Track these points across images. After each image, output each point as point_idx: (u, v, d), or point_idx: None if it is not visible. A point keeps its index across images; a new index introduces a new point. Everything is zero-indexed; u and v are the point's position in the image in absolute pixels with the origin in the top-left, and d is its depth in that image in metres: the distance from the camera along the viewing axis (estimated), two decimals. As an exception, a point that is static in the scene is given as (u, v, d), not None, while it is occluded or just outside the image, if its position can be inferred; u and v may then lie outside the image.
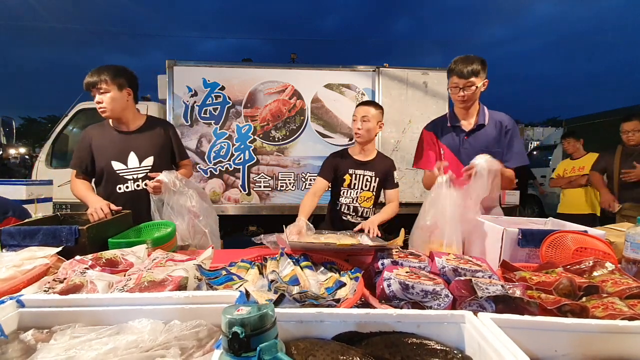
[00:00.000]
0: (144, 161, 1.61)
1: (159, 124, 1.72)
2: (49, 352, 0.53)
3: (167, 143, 1.69)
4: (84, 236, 1.11)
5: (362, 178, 1.82)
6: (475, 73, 1.49)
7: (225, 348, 0.44)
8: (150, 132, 1.65)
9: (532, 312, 0.70)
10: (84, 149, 1.59)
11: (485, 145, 1.59)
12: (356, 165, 1.83)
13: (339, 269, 1.05)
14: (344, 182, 1.82)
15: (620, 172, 2.69)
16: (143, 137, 1.63)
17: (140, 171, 1.61)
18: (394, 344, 0.55)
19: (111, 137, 1.59)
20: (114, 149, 1.58)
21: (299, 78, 3.59)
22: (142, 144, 1.62)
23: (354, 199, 1.83)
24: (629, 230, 0.98)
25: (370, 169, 1.83)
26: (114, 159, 1.58)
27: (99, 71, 1.51)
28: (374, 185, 1.84)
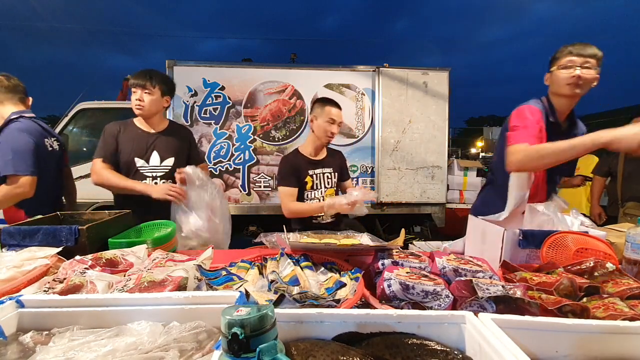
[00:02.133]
0: (164, 161, 1.68)
1: (180, 128, 1.83)
2: (48, 354, 0.53)
3: (186, 147, 1.78)
4: (84, 236, 1.11)
5: (323, 176, 1.80)
6: (597, 58, 1.30)
7: (224, 349, 0.44)
8: (172, 136, 1.73)
9: (533, 313, 0.69)
10: (111, 140, 1.63)
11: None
12: (314, 166, 1.78)
13: (339, 269, 1.04)
14: (306, 185, 1.76)
15: (624, 172, 2.69)
16: (165, 138, 1.71)
17: (160, 170, 1.68)
18: (395, 344, 0.55)
19: (136, 135, 1.66)
20: (138, 146, 1.65)
21: (299, 78, 3.59)
22: (164, 145, 1.69)
23: (319, 199, 1.78)
24: (629, 231, 0.98)
25: (327, 166, 1.82)
26: (137, 155, 1.64)
27: (150, 73, 1.63)
28: (334, 181, 1.84)
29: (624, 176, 2.71)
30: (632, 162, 2.67)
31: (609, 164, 2.87)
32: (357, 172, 3.66)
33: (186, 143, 1.79)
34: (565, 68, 1.32)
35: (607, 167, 2.89)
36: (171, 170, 1.69)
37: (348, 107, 3.64)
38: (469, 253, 1.29)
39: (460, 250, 1.35)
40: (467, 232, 1.37)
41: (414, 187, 3.70)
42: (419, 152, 3.68)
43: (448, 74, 3.70)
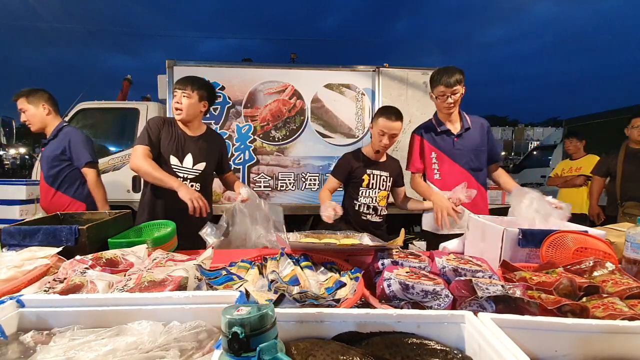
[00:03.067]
0: (197, 165, 1.72)
1: (215, 136, 1.88)
2: (48, 353, 0.53)
3: (218, 155, 1.85)
4: (84, 236, 1.11)
5: (379, 178, 1.86)
6: (459, 82, 1.70)
7: (225, 348, 0.44)
8: (207, 142, 1.78)
9: (533, 312, 0.69)
10: (156, 131, 1.66)
11: (475, 146, 1.82)
12: (373, 166, 1.86)
13: (339, 269, 1.05)
14: (362, 183, 1.84)
15: (624, 172, 2.70)
16: (201, 143, 1.75)
17: (191, 172, 1.71)
18: (394, 344, 0.55)
19: (176, 134, 1.70)
20: (176, 145, 1.69)
21: (299, 78, 3.59)
22: (199, 149, 1.73)
23: (373, 198, 1.86)
24: (629, 231, 0.98)
25: (384, 170, 1.88)
26: (173, 153, 1.68)
27: (193, 78, 1.73)
28: (388, 185, 1.90)
29: (623, 176, 2.71)
30: (632, 162, 2.67)
31: (608, 164, 2.87)
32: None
33: (219, 151, 1.85)
34: (439, 97, 1.74)
35: (606, 167, 2.89)
36: (202, 174, 1.74)
37: (348, 107, 3.64)
38: (468, 253, 1.29)
39: (457, 250, 1.35)
40: (466, 232, 1.37)
41: (414, 186, 3.70)
42: (419, 152, 3.67)
43: (448, 74, 3.70)
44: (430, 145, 1.84)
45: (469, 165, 1.81)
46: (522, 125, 15.72)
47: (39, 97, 2.04)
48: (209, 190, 1.84)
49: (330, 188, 1.88)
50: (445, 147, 1.81)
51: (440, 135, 1.83)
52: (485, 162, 1.85)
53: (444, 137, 1.82)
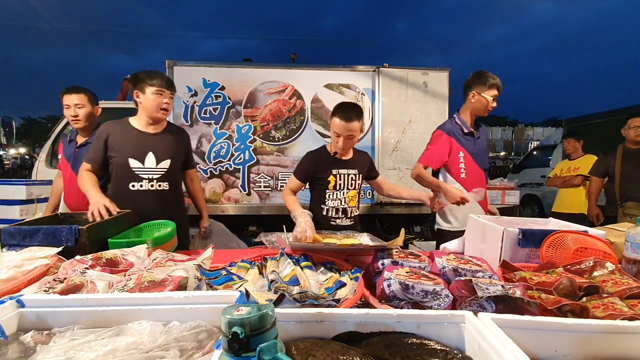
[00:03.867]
0: (160, 163, 1.64)
1: (177, 130, 1.79)
2: (48, 353, 0.53)
3: (182, 150, 1.76)
4: (84, 236, 1.11)
5: (347, 177, 1.74)
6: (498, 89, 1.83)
7: (225, 348, 0.44)
8: (169, 137, 1.69)
9: (533, 312, 0.69)
10: (99, 145, 1.60)
11: (485, 147, 1.97)
12: (339, 165, 1.72)
13: (339, 269, 1.05)
14: (329, 185, 1.71)
15: (622, 172, 2.70)
16: (162, 140, 1.66)
17: (156, 172, 1.63)
18: (394, 344, 0.55)
19: (131, 135, 1.62)
20: (133, 147, 1.61)
21: (299, 78, 3.59)
22: (161, 147, 1.65)
23: (341, 200, 1.73)
24: (629, 231, 0.98)
25: (352, 167, 1.74)
26: (131, 156, 1.60)
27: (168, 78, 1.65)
28: (358, 182, 1.79)
29: (622, 176, 2.71)
30: (630, 162, 2.67)
31: (606, 164, 2.87)
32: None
33: (182, 146, 1.76)
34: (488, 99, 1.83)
35: (604, 168, 2.89)
36: (168, 173, 1.65)
37: (348, 107, 3.64)
38: (468, 253, 1.29)
39: (457, 250, 1.35)
40: (466, 232, 1.37)
41: (414, 187, 3.68)
42: (419, 152, 3.64)
43: (448, 74, 3.70)
44: (458, 145, 1.90)
45: (483, 165, 1.94)
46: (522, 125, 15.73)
47: (95, 98, 2.08)
48: (178, 188, 1.77)
49: (293, 188, 1.75)
50: (469, 148, 1.91)
51: (466, 136, 1.91)
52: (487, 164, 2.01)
53: (468, 138, 1.92)
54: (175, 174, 1.71)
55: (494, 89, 1.82)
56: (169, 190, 1.66)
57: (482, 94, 1.83)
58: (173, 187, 1.69)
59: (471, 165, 1.91)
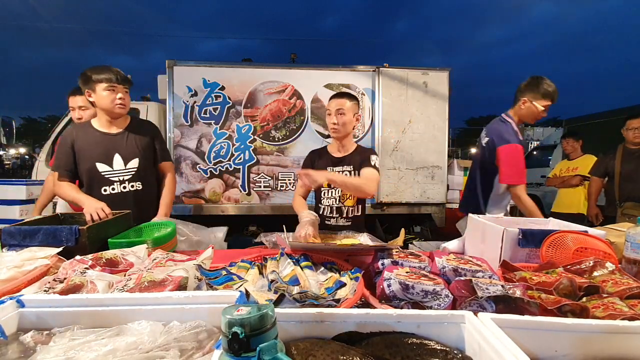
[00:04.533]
0: (129, 163, 1.60)
1: (142, 125, 1.72)
2: (48, 354, 0.53)
3: (150, 145, 1.68)
4: (84, 236, 1.11)
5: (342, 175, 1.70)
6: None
7: (225, 348, 0.44)
8: (134, 134, 1.63)
9: (533, 313, 0.69)
10: (66, 151, 1.55)
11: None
12: (334, 162, 1.70)
13: (339, 269, 1.05)
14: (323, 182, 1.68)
15: (622, 173, 2.70)
16: (127, 138, 1.61)
17: (126, 173, 1.60)
18: (394, 344, 0.55)
19: (94, 139, 1.56)
20: (99, 151, 1.56)
21: (299, 78, 3.59)
22: (126, 146, 1.60)
23: (336, 198, 1.70)
24: (629, 231, 0.98)
25: (348, 164, 1.69)
26: (98, 160, 1.56)
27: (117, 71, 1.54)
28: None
29: (621, 176, 2.71)
30: (629, 162, 2.67)
31: (606, 164, 2.88)
32: (357, 172, 3.67)
33: (150, 140, 1.68)
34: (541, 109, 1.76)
35: (604, 168, 2.90)
36: (138, 172, 1.61)
37: (348, 107, 3.64)
38: (468, 253, 1.29)
39: (457, 250, 1.35)
40: (466, 232, 1.37)
41: (414, 187, 3.70)
42: (419, 152, 3.68)
43: (448, 74, 3.70)
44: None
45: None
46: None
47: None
48: (153, 185, 1.72)
49: (301, 192, 1.75)
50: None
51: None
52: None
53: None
54: (146, 172, 1.66)
55: (548, 99, 1.75)
56: (142, 190, 1.62)
57: (534, 102, 1.76)
58: (147, 186, 1.65)
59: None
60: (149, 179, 1.68)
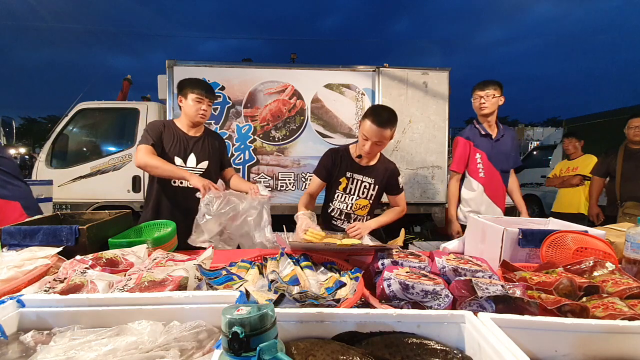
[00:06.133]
0: (200, 163, 1.78)
1: (214, 135, 1.93)
2: (49, 353, 0.53)
3: (218, 153, 1.88)
4: (84, 236, 1.11)
5: (360, 184, 1.65)
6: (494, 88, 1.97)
7: (225, 348, 0.44)
8: (207, 141, 1.83)
9: (533, 312, 0.69)
10: (158, 130, 1.70)
11: (507, 151, 2.06)
12: (355, 169, 1.65)
13: (339, 269, 1.05)
14: (339, 185, 1.66)
15: (623, 172, 2.70)
16: (202, 143, 1.81)
17: (195, 171, 1.75)
18: (394, 344, 0.55)
19: (177, 136, 1.76)
20: (179, 146, 1.74)
21: (299, 78, 3.59)
22: (201, 148, 1.79)
23: (348, 205, 1.67)
24: (629, 230, 0.98)
25: (369, 175, 1.65)
26: (176, 154, 1.73)
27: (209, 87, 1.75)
28: (372, 193, 1.67)
29: (622, 176, 2.71)
30: (631, 162, 2.68)
31: (607, 164, 2.88)
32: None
33: (219, 149, 1.89)
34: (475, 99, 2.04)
35: (605, 168, 2.90)
36: (206, 172, 1.78)
37: (348, 107, 3.64)
38: (468, 253, 1.29)
39: (457, 250, 1.35)
40: (466, 232, 1.37)
41: (414, 187, 3.71)
42: (419, 152, 3.68)
43: (448, 74, 3.71)
44: (475, 148, 2.06)
45: (501, 167, 2.05)
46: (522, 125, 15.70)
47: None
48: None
49: (313, 190, 1.70)
50: (487, 150, 2.04)
51: (483, 138, 2.06)
52: (510, 166, 2.10)
53: (486, 140, 2.06)
54: (212, 174, 1.83)
55: (478, 89, 2.00)
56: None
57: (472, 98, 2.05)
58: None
59: (488, 166, 2.04)
60: (213, 180, 1.81)
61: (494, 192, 2.05)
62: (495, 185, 2.05)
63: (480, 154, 2.05)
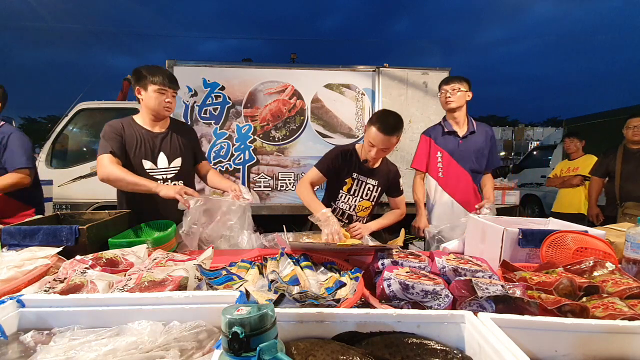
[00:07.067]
0: (172, 162, 1.63)
1: (182, 127, 1.75)
2: (48, 353, 0.53)
3: (191, 146, 1.72)
4: (84, 236, 1.11)
5: (364, 186, 1.67)
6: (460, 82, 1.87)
7: (225, 348, 0.44)
8: (176, 134, 1.66)
9: (533, 312, 0.69)
10: (117, 136, 1.52)
11: (477, 149, 1.92)
12: (362, 171, 1.66)
13: (339, 269, 1.05)
14: (344, 186, 1.67)
15: (622, 172, 2.71)
16: (171, 138, 1.64)
17: (169, 171, 1.62)
18: (394, 344, 0.55)
19: (141, 135, 1.58)
20: (144, 147, 1.57)
21: (299, 78, 3.59)
22: (170, 145, 1.63)
23: (351, 206, 1.69)
24: (629, 231, 0.98)
25: (374, 177, 1.67)
26: (144, 157, 1.57)
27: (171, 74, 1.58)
28: (375, 195, 1.70)
29: (622, 177, 2.71)
30: (630, 162, 2.68)
31: (607, 164, 2.88)
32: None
33: (191, 141, 1.73)
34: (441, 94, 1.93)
35: (605, 168, 2.90)
36: (180, 171, 1.64)
37: (348, 107, 3.63)
38: (468, 253, 1.29)
39: (457, 250, 1.35)
40: (466, 232, 1.37)
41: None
42: (419, 152, 3.68)
43: (448, 74, 3.70)
44: (436, 146, 1.95)
45: (470, 166, 1.91)
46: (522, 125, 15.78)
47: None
48: (192, 185, 1.73)
49: (313, 181, 1.66)
50: (450, 147, 1.92)
51: (446, 136, 1.94)
52: (484, 166, 1.96)
53: (450, 137, 1.94)
54: (188, 172, 1.70)
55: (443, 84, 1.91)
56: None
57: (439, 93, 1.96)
58: (187, 185, 1.64)
59: (452, 165, 1.92)
60: (189, 178, 1.72)
61: (456, 191, 1.91)
62: (461, 185, 1.90)
63: (441, 152, 1.93)
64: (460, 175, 1.92)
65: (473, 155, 1.91)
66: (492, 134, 1.99)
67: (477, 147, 1.91)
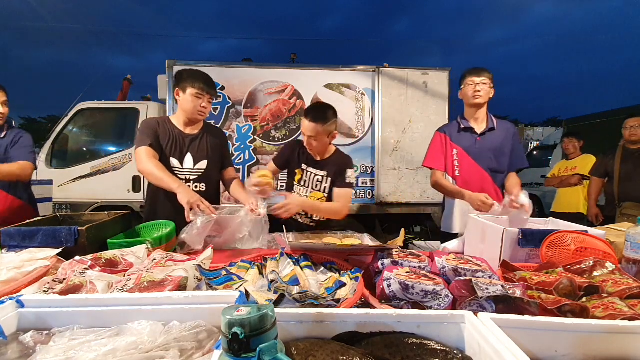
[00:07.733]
0: (198, 164, 1.64)
1: (214, 131, 1.77)
2: (48, 354, 0.53)
3: (219, 150, 1.73)
4: (83, 236, 1.11)
5: (313, 177, 1.67)
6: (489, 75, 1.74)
7: (225, 349, 0.44)
8: (206, 138, 1.69)
9: (533, 313, 0.69)
10: (153, 130, 1.56)
11: (495, 147, 1.79)
12: (309, 162, 1.67)
13: (339, 269, 1.05)
14: (295, 177, 1.71)
15: (621, 173, 2.71)
16: (200, 141, 1.66)
17: (193, 173, 1.63)
18: (394, 344, 0.55)
19: (172, 134, 1.62)
20: (174, 146, 1.60)
21: (299, 78, 3.59)
22: (198, 148, 1.65)
23: (304, 197, 1.69)
24: (629, 230, 0.98)
25: (322, 169, 1.66)
26: (172, 155, 1.60)
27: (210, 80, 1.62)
28: (325, 186, 1.67)
29: (620, 177, 2.71)
30: (629, 163, 2.68)
31: (606, 164, 2.88)
32: (357, 172, 3.66)
33: (220, 146, 1.74)
34: (468, 86, 1.77)
35: (604, 168, 2.90)
36: (205, 174, 1.65)
37: (348, 107, 3.63)
38: (468, 253, 1.29)
39: (457, 250, 1.35)
40: (466, 232, 1.37)
41: (414, 187, 3.70)
42: (419, 152, 3.68)
43: (448, 74, 3.71)
44: (452, 143, 1.83)
45: (488, 165, 1.79)
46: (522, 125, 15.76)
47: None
48: (215, 189, 1.76)
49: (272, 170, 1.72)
50: (467, 144, 1.81)
51: (463, 133, 1.83)
52: (507, 165, 1.81)
53: (467, 135, 1.82)
54: (212, 176, 1.70)
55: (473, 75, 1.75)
56: (205, 192, 1.62)
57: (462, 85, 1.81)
58: (210, 189, 1.67)
59: (468, 163, 1.80)
60: (213, 182, 1.72)
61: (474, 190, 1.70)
62: (479, 184, 1.75)
63: (457, 149, 1.82)
64: (478, 174, 1.79)
65: (491, 153, 1.78)
66: (514, 131, 1.85)
67: (495, 145, 1.78)
